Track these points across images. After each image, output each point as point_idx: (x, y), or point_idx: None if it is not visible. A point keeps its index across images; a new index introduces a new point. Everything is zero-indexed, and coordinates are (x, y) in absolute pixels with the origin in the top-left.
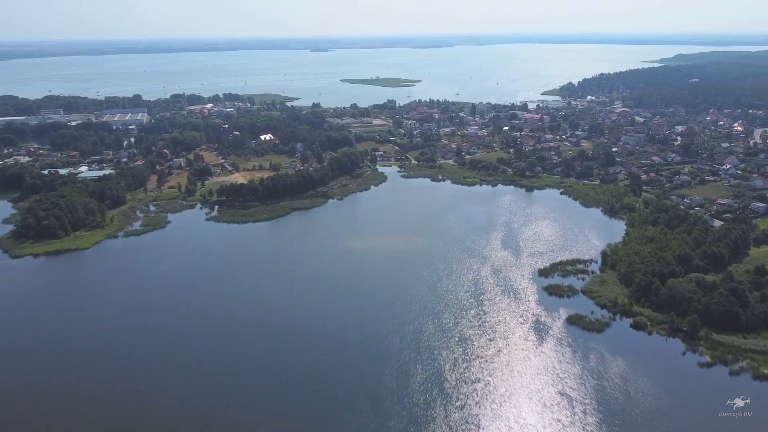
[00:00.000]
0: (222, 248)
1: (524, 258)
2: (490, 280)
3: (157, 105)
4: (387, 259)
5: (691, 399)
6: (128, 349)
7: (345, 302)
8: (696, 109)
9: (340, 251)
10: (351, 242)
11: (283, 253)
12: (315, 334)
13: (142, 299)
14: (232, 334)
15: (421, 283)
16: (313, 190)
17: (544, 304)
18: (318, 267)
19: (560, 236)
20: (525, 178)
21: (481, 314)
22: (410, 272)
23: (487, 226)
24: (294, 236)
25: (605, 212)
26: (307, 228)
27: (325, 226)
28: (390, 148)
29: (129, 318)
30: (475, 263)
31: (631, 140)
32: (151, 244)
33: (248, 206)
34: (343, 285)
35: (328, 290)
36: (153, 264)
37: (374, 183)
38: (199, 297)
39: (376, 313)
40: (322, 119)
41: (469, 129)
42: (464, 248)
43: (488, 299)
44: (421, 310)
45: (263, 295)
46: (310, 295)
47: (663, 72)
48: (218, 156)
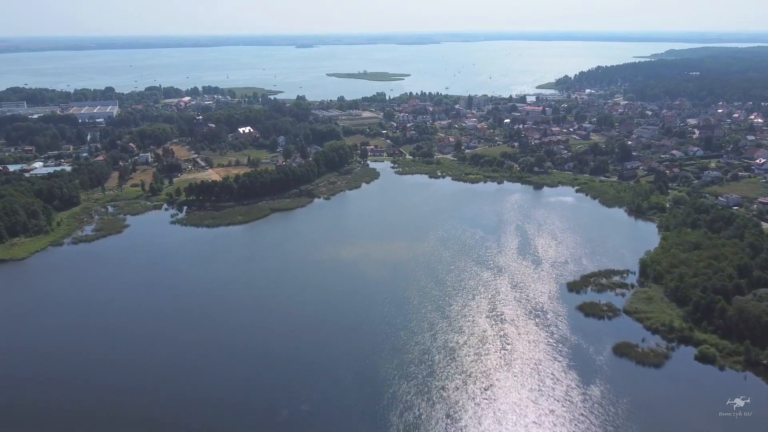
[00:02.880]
0: (186, 259)
1: (547, 269)
2: (511, 297)
3: (130, 98)
4: (383, 271)
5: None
6: (57, 402)
7: (333, 330)
8: (704, 101)
9: (327, 261)
10: (340, 250)
11: (259, 265)
12: (295, 377)
13: (81, 327)
14: (191, 379)
15: (428, 303)
16: (297, 189)
17: (581, 330)
18: (301, 282)
19: (584, 242)
20: (533, 175)
21: (506, 346)
22: (413, 288)
23: (498, 229)
24: (273, 243)
25: (630, 213)
26: (289, 232)
27: (310, 230)
28: (381, 143)
29: (58, 361)
30: (490, 276)
31: (645, 133)
32: (104, 253)
33: (221, 207)
34: (331, 306)
35: (313, 315)
36: (102, 280)
37: (365, 180)
38: (152, 325)
39: (373, 347)
40: (306, 111)
41: (467, 122)
42: (475, 257)
43: (511, 324)
44: (431, 342)
45: (231, 323)
46: (292, 323)
47: (662, 65)
48: (190, 151)
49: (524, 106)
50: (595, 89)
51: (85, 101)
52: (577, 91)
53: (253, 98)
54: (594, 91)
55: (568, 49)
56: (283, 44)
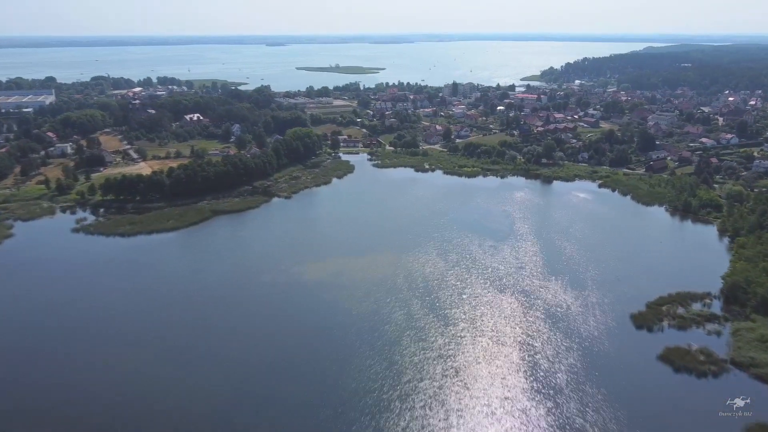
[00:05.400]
0: (79, 286)
1: (593, 293)
2: (559, 343)
3: (71, 88)
4: (362, 299)
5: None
6: None
7: (288, 405)
8: (708, 90)
9: (283, 285)
10: (302, 267)
11: (181, 293)
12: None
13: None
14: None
15: (431, 357)
16: (249, 185)
17: (677, 396)
18: (242, 320)
19: (629, 253)
20: (541, 167)
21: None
22: (410, 329)
23: (511, 236)
24: (209, 258)
25: (673, 212)
26: (234, 243)
27: (263, 239)
28: (356, 132)
29: None
30: (517, 307)
31: (663, 120)
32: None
33: (148, 209)
34: (286, 361)
35: (256, 378)
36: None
37: (336, 174)
38: (19, 387)
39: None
40: (268, 98)
41: (455, 109)
42: (490, 277)
43: (574, 398)
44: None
45: (139, 383)
46: (224, 389)
47: (651, 57)
48: (123, 141)
49: (516, 94)
50: (584, 80)
51: (16, 90)
52: (566, 83)
53: (213, 88)
54: (584, 82)
55: (546, 47)
56: (254, 43)
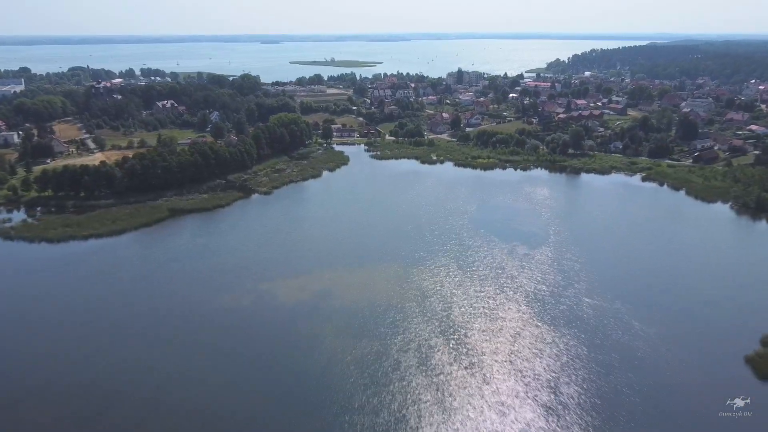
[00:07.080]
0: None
1: (680, 324)
2: (649, 412)
3: (46, 79)
4: (361, 336)
5: None
6: None
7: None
8: (731, 80)
9: (250, 308)
10: (278, 284)
11: (116, 317)
12: None
13: None
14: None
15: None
16: (223, 179)
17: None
18: (195, 362)
19: (707, 264)
20: (568, 158)
21: None
22: (430, 387)
23: (551, 243)
24: (153, 274)
25: (740, 209)
26: (194, 251)
27: (231, 246)
28: (351, 121)
29: None
30: (573, 344)
31: (700, 107)
32: None
33: (94, 207)
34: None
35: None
36: None
37: (328, 167)
38: None
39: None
40: (253, 85)
41: (462, 96)
42: (531, 298)
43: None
44: None
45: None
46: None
47: (662, 49)
48: (83, 130)
49: (527, 82)
50: (593, 71)
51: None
52: (575, 74)
53: (198, 78)
54: (595, 73)
55: (546, 44)
56: (249, 41)
